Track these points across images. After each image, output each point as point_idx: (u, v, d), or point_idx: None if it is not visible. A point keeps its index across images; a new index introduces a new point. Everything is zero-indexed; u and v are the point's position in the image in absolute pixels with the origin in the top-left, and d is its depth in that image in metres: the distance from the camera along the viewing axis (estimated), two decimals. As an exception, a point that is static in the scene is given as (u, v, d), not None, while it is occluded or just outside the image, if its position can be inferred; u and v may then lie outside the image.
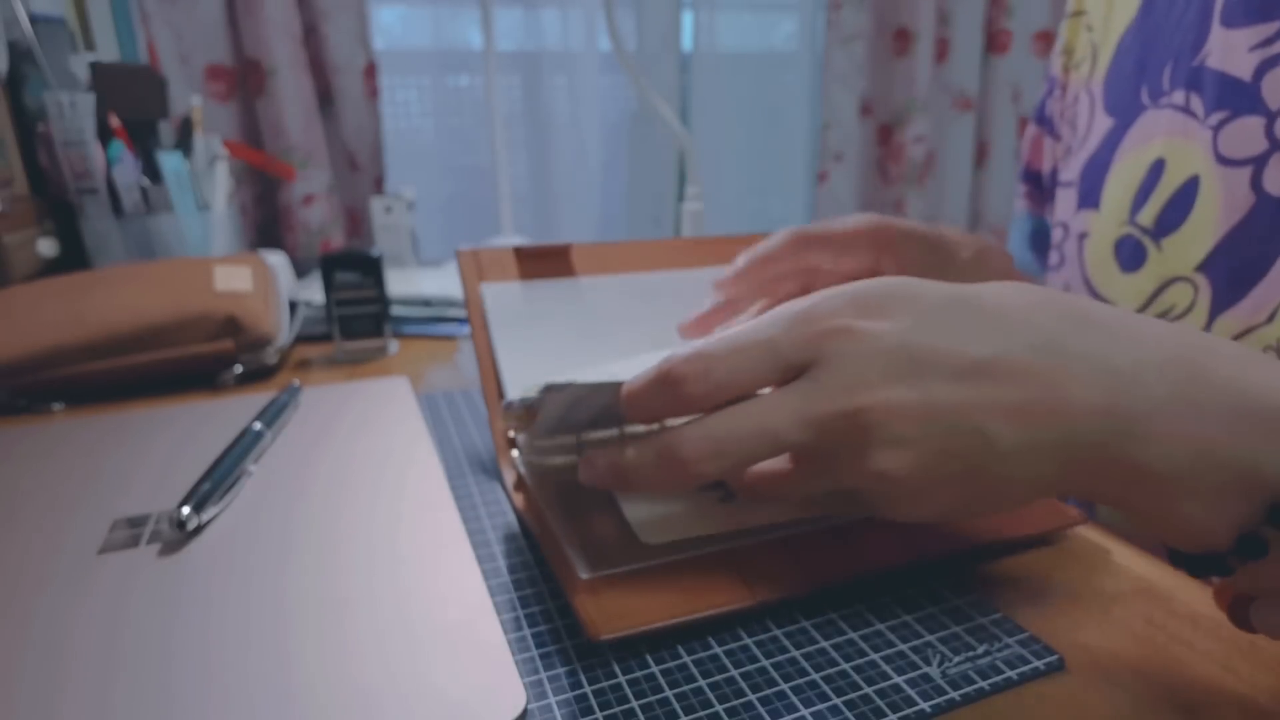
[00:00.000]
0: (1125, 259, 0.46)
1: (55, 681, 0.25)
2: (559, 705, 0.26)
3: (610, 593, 0.30)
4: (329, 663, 0.26)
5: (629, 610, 0.29)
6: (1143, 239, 0.44)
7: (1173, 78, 0.43)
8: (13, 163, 0.77)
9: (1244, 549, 0.23)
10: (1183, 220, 0.42)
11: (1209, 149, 0.41)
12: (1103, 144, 0.49)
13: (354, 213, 1.29)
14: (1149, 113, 0.45)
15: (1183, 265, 0.42)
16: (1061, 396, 0.25)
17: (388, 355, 0.67)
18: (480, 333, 0.45)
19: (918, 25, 1.61)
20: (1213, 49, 0.41)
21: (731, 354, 0.28)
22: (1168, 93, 0.44)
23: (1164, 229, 0.43)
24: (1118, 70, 0.49)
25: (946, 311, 0.27)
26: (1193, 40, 0.43)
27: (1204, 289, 0.41)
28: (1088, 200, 0.50)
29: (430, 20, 1.41)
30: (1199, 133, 0.41)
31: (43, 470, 0.41)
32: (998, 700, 0.26)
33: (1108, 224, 0.47)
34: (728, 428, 0.27)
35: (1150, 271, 0.44)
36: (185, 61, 1.11)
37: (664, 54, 1.56)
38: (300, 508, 0.37)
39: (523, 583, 0.33)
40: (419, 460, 0.41)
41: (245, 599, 0.30)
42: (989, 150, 1.78)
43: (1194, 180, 0.42)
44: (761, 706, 0.26)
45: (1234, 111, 0.39)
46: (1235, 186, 0.39)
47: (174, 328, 0.58)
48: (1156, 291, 0.44)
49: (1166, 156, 0.43)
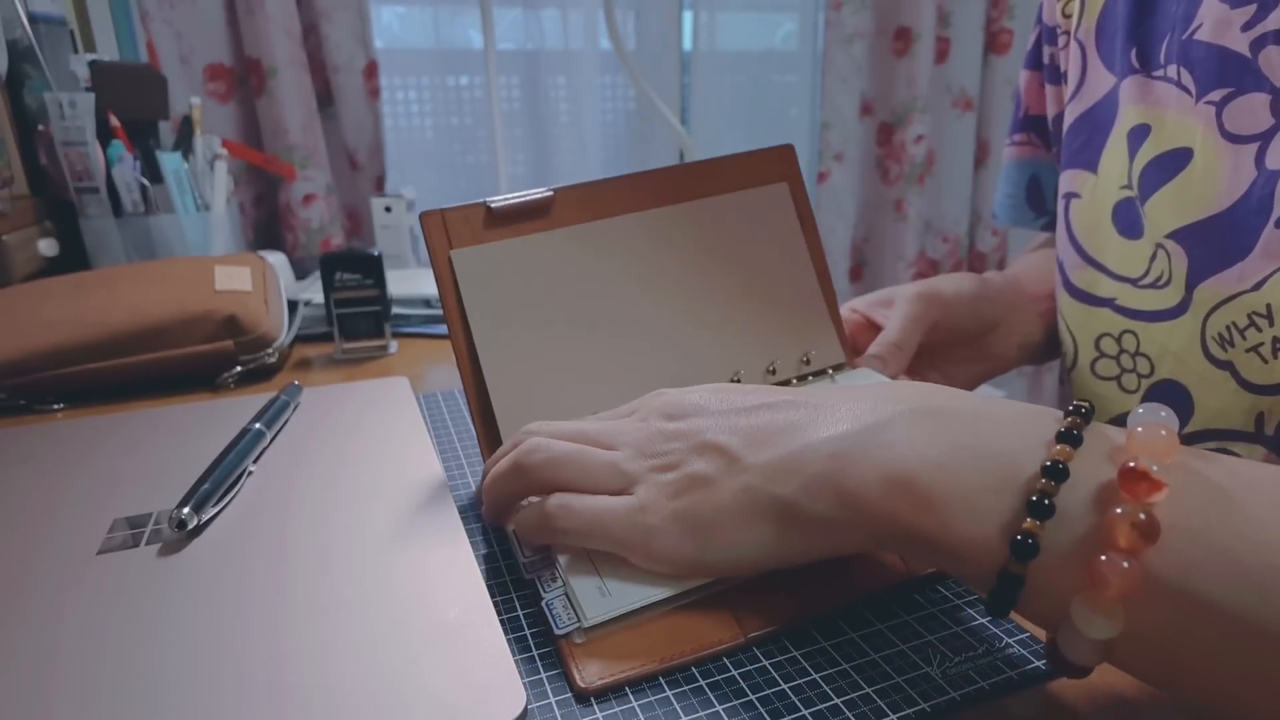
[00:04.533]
0: (1126, 224, 0.46)
1: (55, 681, 0.25)
2: (559, 705, 0.26)
3: (596, 641, 0.29)
4: (329, 663, 0.26)
5: (616, 655, 0.28)
6: (1138, 204, 0.45)
7: (1167, 51, 0.43)
8: (13, 163, 0.77)
9: (1018, 551, 0.23)
10: (1158, 187, 0.43)
11: (1211, 125, 0.41)
12: (1104, 102, 0.48)
13: (354, 212, 1.29)
14: (1139, 78, 0.45)
15: (1157, 231, 0.43)
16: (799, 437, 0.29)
17: (388, 355, 0.67)
18: (454, 313, 0.40)
19: (918, 25, 1.61)
20: (1205, 20, 0.41)
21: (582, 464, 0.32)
22: (1163, 65, 0.43)
23: (1143, 196, 0.44)
24: (1110, 24, 0.48)
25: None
26: (1185, 10, 0.42)
27: (1178, 256, 0.42)
28: (1079, 160, 0.49)
29: (430, 20, 1.41)
30: (1196, 109, 0.41)
31: (43, 470, 0.41)
32: (998, 700, 0.26)
33: (1106, 187, 0.47)
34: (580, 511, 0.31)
35: (1148, 238, 0.44)
36: (185, 61, 1.11)
37: (664, 54, 1.56)
38: (300, 508, 0.37)
39: (523, 582, 0.33)
40: (419, 460, 0.41)
41: (245, 599, 0.30)
42: (989, 150, 1.78)
43: (1182, 152, 0.42)
44: (761, 706, 0.26)
45: (1238, 88, 0.40)
46: (1241, 163, 0.39)
47: (174, 328, 0.58)
48: (1152, 256, 0.44)
49: (1152, 124, 0.44)
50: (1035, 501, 0.23)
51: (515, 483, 0.33)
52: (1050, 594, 0.23)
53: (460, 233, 0.41)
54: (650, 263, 0.43)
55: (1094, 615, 0.22)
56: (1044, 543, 0.23)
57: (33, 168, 0.81)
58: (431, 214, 0.40)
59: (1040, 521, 0.23)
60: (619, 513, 0.30)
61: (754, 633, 0.29)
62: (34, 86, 0.81)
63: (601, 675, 0.27)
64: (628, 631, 0.29)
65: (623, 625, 0.29)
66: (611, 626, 0.29)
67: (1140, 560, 0.21)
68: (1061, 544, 0.23)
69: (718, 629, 0.29)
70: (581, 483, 0.32)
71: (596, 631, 0.29)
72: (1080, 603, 0.22)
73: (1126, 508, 0.22)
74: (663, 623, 0.29)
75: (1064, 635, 0.23)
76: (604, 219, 0.43)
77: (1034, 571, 0.23)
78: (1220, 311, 0.40)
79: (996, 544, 0.23)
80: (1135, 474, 0.22)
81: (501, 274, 0.40)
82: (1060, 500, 0.23)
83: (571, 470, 0.32)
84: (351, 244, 1.30)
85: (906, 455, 0.26)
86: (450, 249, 0.40)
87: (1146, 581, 0.21)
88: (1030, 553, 0.23)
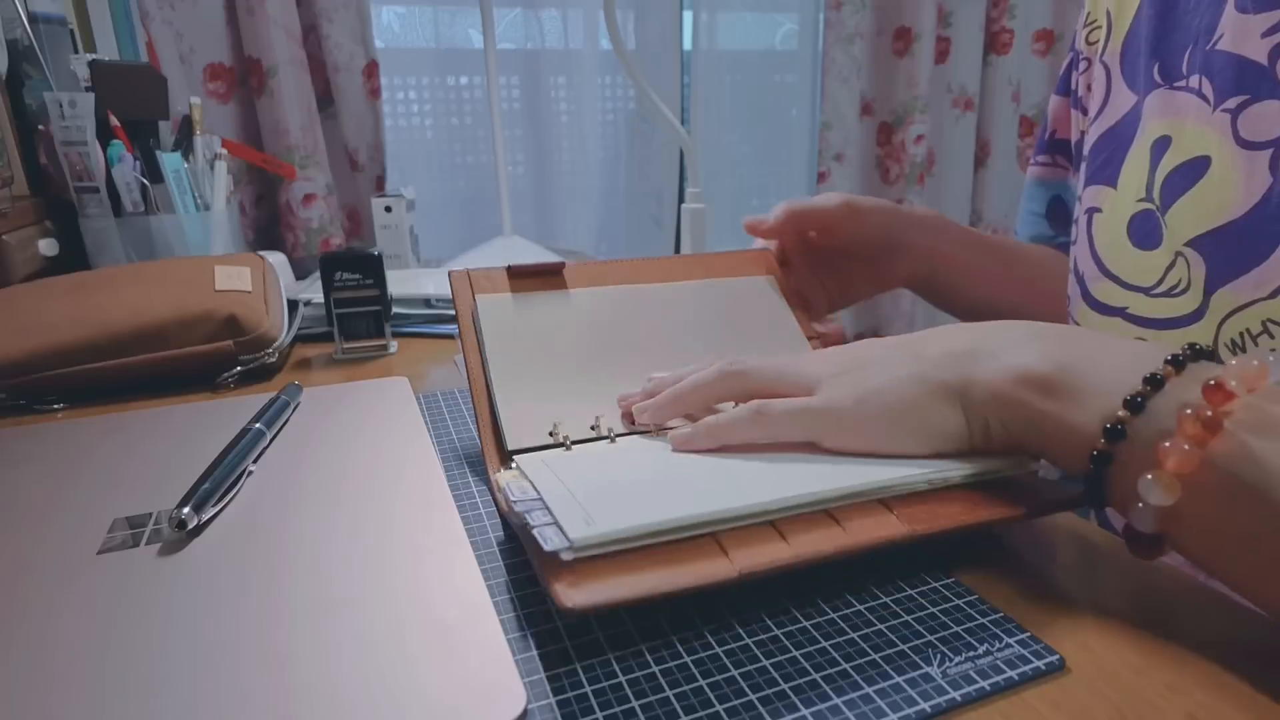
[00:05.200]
0: (1141, 236, 0.46)
1: (54, 681, 0.25)
2: (559, 705, 0.26)
3: (583, 569, 0.29)
4: (329, 663, 0.26)
5: (603, 584, 0.28)
6: (1159, 215, 0.45)
7: (1190, 63, 0.44)
8: (13, 163, 0.77)
9: (1109, 435, 0.29)
10: (1179, 197, 0.43)
11: (1227, 133, 0.41)
12: (1125, 120, 0.49)
13: (354, 212, 1.29)
14: (1162, 92, 0.46)
15: (1176, 240, 0.43)
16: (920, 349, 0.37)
17: (388, 355, 0.67)
18: (472, 347, 0.44)
19: (918, 25, 1.61)
20: (1225, 31, 0.42)
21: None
22: (1185, 77, 0.44)
23: (1164, 205, 0.44)
24: (1134, 44, 0.49)
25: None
26: (1207, 24, 0.43)
27: (1196, 263, 0.42)
28: (1101, 175, 0.50)
29: (430, 20, 1.41)
30: (1212, 117, 0.42)
31: (43, 470, 0.41)
32: (998, 700, 0.26)
33: (1124, 200, 0.47)
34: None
35: (1166, 248, 0.44)
36: (185, 61, 1.11)
37: (664, 54, 1.56)
38: (300, 508, 0.37)
39: (523, 583, 0.33)
40: (419, 460, 0.41)
41: (245, 599, 0.30)
42: (989, 150, 1.78)
43: (1201, 161, 0.42)
44: (762, 706, 0.26)
45: (1253, 95, 0.40)
46: (1256, 169, 0.40)
47: (174, 328, 0.58)
48: (1170, 266, 0.44)
49: (1172, 135, 0.44)
50: (1130, 399, 0.29)
51: (716, 388, 0.40)
52: (1128, 473, 0.29)
53: (483, 286, 0.46)
54: (653, 322, 0.48)
55: (1155, 485, 0.27)
56: (1130, 431, 0.29)
57: (33, 168, 0.81)
58: (459, 274, 0.47)
59: (1131, 414, 0.29)
60: (809, 404, 0.37)
61: (746, 569, 0.29)
62: (34, 86, 0.81)
63: (591, 598, 0.27)
64: (616, 561, 0.29)
65: (611, 553, 0.29)
66: (602, 549, 0.29)
67: (1202, 448, 0.27)
68: (1144, 434, 0.28)
69: (710, 566, 0.29)
70: (774, 388, 0.39)
71: (585, 556, 0.29)
72: (1147, 476, 0.28)
73: (1198, 409, 0.27)
74: (653, 555, 0.29)
75: (1135, 509, 0.29)
76: (612, 285, 0.49)
77: (1119, 452, 0.29)
78: (1235, 318, 0.41)
79: (1095, 429, 0.30)
80: (1214, 386, 0.27)
81: (519, 320, 0.46)
82: (1151, 403, 0.29)
83: (765, 378, 0.39)
84: (351, 244, 1.30)
85: (1038, 360, 0.32)
86: (474, 295, 0.46)
87: (1205, 465, 0.27)
88: (1118, 436, 0.29)
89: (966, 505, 0.33)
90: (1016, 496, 0.34)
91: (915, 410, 0.35)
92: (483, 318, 0.44)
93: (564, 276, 0.48)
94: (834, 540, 0.31)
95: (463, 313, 0.45)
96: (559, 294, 0.47)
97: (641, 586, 0.28)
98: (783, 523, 0.32)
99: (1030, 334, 0.34)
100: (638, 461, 0.38)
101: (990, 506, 0.33)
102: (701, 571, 0.29)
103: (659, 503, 0.32)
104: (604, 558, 0.29)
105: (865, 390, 0.36)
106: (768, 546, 0.30)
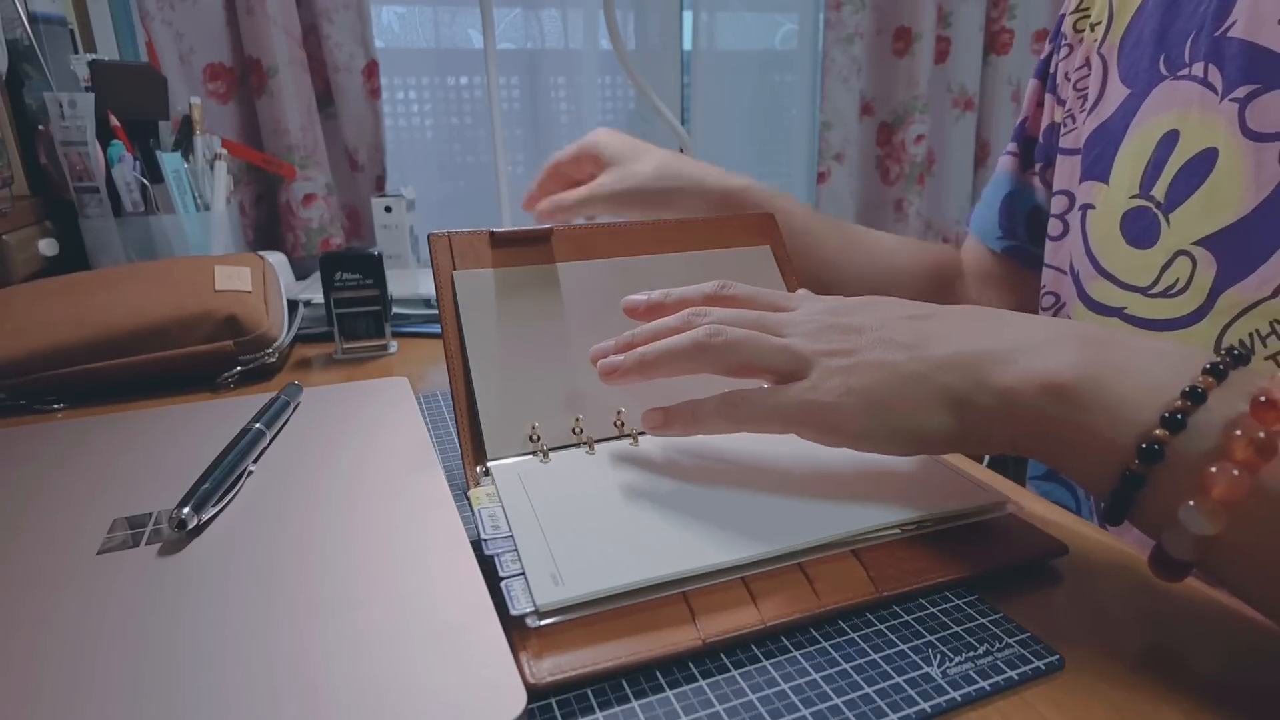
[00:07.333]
0: (1135, 234, 0.45)
1: (54, 681, 0.25)
2: (559, 705, 0.26)
3: (549, 634, 0.28)
4: (329, 663, 0.26)
5: (568, 655, 0.27)
6: (1156, 213, 0.44)
7: (1193, 50, 0.43)
8: (13, 163, 0.77)
9: (1144, 456, 0.26)
10: (1190, 194, 0.42)
11: (1233, 123, 0.40)
12: (1116, 114, 0.48)
13: (354, 212, 1.29)
14: (1166, 84, 0.44)
15: (1184, 239, 0.42)
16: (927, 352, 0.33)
17: (388, 355, 0.67)
18: (451, 328, 0.41)
19: (918, 25, 1.61)
20: (1239, 18, 0.40)
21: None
22: (1188, 65, 0.43)
23: (1173, 203, 0.43)
24: (1134, 36, 0.48)
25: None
26: (1216, 9, 0.42)
27: (1205, 262, 0.41)
28: (1094, 171, 0.49)
29: (430, 20, 1.41)
30: (1220, 106, 0.41)
31: (43, 470, 0.41)
32: (998, 700, 0.26)
33: (1116, 197, 0.47)
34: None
35: (1162, 246, 0.43)
36: (185, 61, 1.11)
37: (664, 54, 1.56)
38: (300, 508, 0.37)
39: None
40: (419, 460, 0.41)
41: (245, 599, 0.30)
42: (989, 150, 1.78)
43: (1209, 153, 0.41)
44: (762, 706, 0.26)
45: (1265, 85, 0.39)
46: (1265, 161, 0.38)
47: (174, 328, 0.58)
48: (1165, 265, 0.43)
49: (1181, 128, 0.43)
50: (1169, 416, 0.26)
51: (692, 361, 0.35)
52: (1164, 497, 0.26)
53: (465, 255, 0.44)
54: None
55: (1199, 514, 0.25)
56: (1169, 451, 0.26)
57: (33, 168, 0.81)
58: (439, 235, 0.43)
59: (1170, 433, 0.26)
60: (792, 395, 0.34)
61: (713, 638, 0.28)
62: (34, 86, 0.81)
63: (553, 672, 0.27)
64: (585, 627, 0.29)
65: (580, 618, 0.29)
66: (567, 616, 0.29)
67: (1254, 474, 0.24)
68: (1185, 455, 0.26)
69: (676, 633, 0.28)
70: (757, 364, 0.35)
71: (551, 622, 0.28)
72: (1189, 503, 0.26)
73: (1248, 429, 0.25)
74: (620, 617, 0.29)
75: (1169, 534, 0.27)
76: (598, 259, 0.46)
77: (1154, 474, 0.27)
78: (1241, 320, 0.40)
79: (1126, 446, 0.27)
80: (1265, 404, 0.25)
81: (498, 298, 0.43)
82: (1193, 419, 0.26)
83: (748, 352, 0.35)
84: (351, 244, 1.30)
85: (1061, 367, 0.29)
86: (454, 269, 0.43)
87: (1254, 493, 0.25)
88: (1155, 458, 0.26)
89: (936, 561, 0.33)
90: (991, 545, 0.34)
91: (906, 414, 0.32)
92: (461, 300, 0.42)
93: (551, 245, 0.45)
94: (802, 604, 0.30)
95: (442, 283, 0.42)
96: (543, 269, 0.44)
97: (606, 657, 0.27)
98: (753, 580, 0.31)
99: (1050, 334, 0.31)
100: (611, 485, 0.37)
101: (960, 562, 0.33)
102: (667, 640, 0.28)
103: (628, 553, 0.31)
104: (570, 621, 0.29)
105: (855, 386, 0.33)
106: (736, 611, 0.30)
